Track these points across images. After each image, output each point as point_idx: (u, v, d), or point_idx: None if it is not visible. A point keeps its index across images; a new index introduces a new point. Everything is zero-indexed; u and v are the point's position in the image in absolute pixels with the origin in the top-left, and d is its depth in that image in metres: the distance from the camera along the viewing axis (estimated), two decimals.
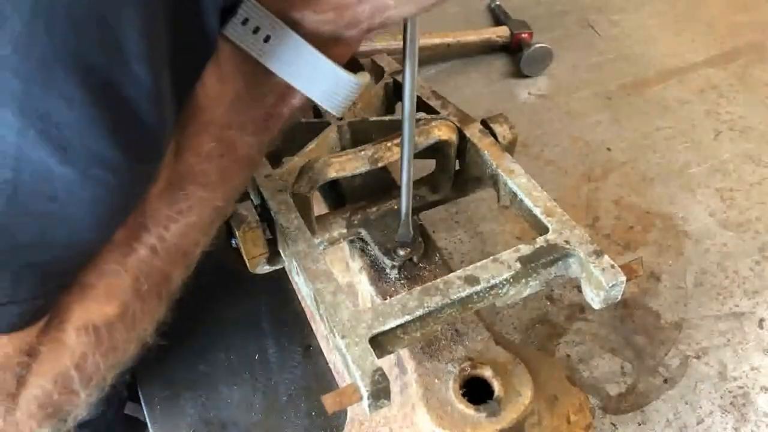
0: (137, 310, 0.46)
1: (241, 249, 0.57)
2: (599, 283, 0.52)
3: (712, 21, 1.25)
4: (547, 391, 0.59)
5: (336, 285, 0.52)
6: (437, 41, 1.14)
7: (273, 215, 0.57)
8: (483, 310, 0.60)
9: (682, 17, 1.26)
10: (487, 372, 0.54)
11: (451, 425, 0.52)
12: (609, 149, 0.99)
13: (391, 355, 0.54)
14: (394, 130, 0.62)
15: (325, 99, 0.47)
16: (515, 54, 1.16)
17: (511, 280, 0.53)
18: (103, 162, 0.36)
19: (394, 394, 0.50)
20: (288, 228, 0.56)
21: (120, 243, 0.44)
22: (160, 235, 0.45)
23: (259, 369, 0.75)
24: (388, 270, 0.61)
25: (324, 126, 0.67)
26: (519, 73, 1.14)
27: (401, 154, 0.55)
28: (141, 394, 0.73)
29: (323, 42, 0.45)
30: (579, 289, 0.55)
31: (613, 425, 0.68)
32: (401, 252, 0.61)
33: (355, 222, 0.63)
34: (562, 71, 1.15)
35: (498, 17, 1.23)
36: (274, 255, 0.59)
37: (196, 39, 0.40)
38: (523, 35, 1.16)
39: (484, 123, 0.64)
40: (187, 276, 0.50)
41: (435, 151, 0.64)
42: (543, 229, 0.56)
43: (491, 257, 0.53)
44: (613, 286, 0.52)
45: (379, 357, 0.48)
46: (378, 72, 0.75)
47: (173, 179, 0.44)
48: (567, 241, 0.54)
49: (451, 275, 0.52)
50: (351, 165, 0.60)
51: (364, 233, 0.63)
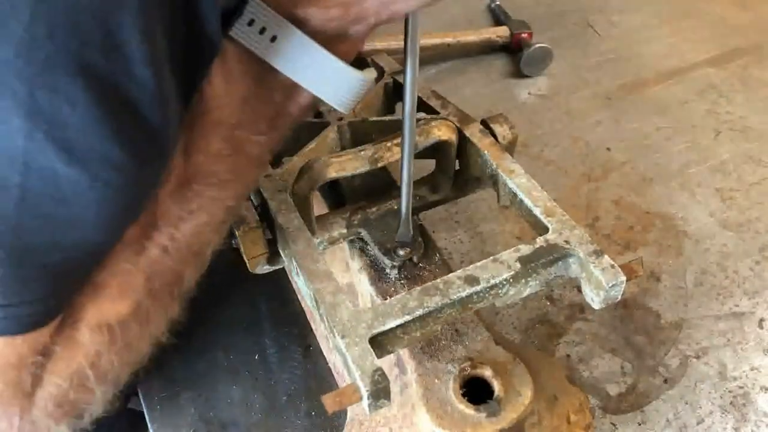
0: (150, 308, 0.46)
1: (241, 249, 0.57)
2: (599, 283, 0.52)
3: (712, 21, 1.24)
4: (547, 391, 0.59)
5: (336, 285, 0.52)
6: (437, 41, 1.14)
7: (273, 215, 0.57)
8: (483, 310, 0.60)
9: (682, 17, 1.26)
10: (487, 372, 0.54)
11: (451, 425, 0.52)
12: (609, 149, 0.99)
13: (391, 355, 0.54)
14: (394, 130, 0.62)
15: (334, 97, 0.47)
16: (515, 54, 1.16)
17: (511, 280, 0.53)
18: (110, 163, 0.36)
19: (394, 394, 0.50)
20: (288, 228, 0.56)
21: (131, 242, 0.44)
22: (171, 235, 0.45)
23: (259, 369, 0.75)
24: (388, 270, 0.61)
25: (324, 126, 0.67)
26: (519, 73, 1.13)
27: (401, 153, 0.55)
28: (141, 393, 0.73)
29: (329, 40, 0.45)
30: (579, 289, 0.55)
31: (613, 425, 0.68)
32: (401, 252, 0.61)
33: (355, 222, 0.63)
34: (562, 71, 1.15)
35: (498, 17, 1.23)
36: (274, 255, 0.59)
37: (198, 41, 0.40)
38: (523, 35, 1.16)
39: (484, 123, 0.64)
40: (201, 275, 0.50)
41: (435, 151, 0.64)
42: (543, 229, 0.56)
43: (491, 257, 0.53)
44: (613, 286, 0.52)
45: (379, 357, 0.48)
46: (378, 72, 0.75)
47: (183, 179, 0.45)
48: (567, 241, 0.54)
49: (451, 275, 0.52)
50: (351, 165, 0.60)
51: (364, 233, 0.63)
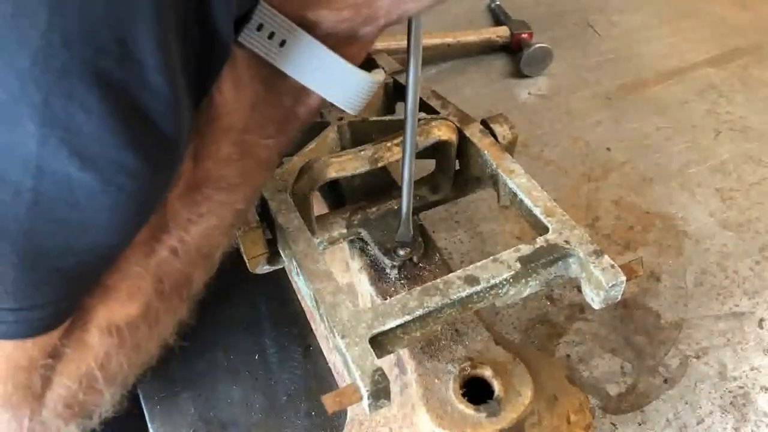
0: (159, 310, 0.47)
1: (241, 249, 0.57)
2: (599, 283, 0.52)
3: (712, 21, 1.24)
4: (547, 391, 0.59)
5: (336, 285, 0.52)
6: (437, 41, 1.14)
7: (273, 215, 0.57)
8: (483, 310, 0.60)
9: (682, 17, 1.26)
10: (487, 372, 0.54)
11: (451, 425, 0.52)
12: (609, 149, 0.99)
13: (391, 355, 0.54)
14: (394, 130, 0.62)
15: (343, 100, 0.47)
16: (515, 54, 1.16)
17: (511, 280, 0.53)
18: (123, 169, 0.36)
19: (394, 394, 0.50)
20: (288, 228, 0.56)
21: (141, 245, 0.44)
22: (180, 238, 0.45)
23: (259, 369, 0.75)
24: (388, 270, 0.61)
25: (324, 126, 0.67)
26: (519, 73, 1.13)
27: (403, 153, 0.55)
28: (140, 393, 0.73)
29: (339, 42, 0.45)
30: (579, 289, 0.55)
31: (613, 425, 0.68)
32: (401, 252, 0.61)
33: (355, 222, 0.63)
34: (562, 71, 1.15)
35: (498, 17, 1.23)
36: (274, 255, 0.59)
37: (210, 44, 0.40)
38: (523, 35, 1.16)
39: (484, 123, 0.64)
40: (209, 277, 0.50)
41: (435, 151, 0.64)
42: (543, 229, 0.56)
43: (491, 257, 0.53)
44: (613, 286, 0.52)
45: (379, 357, 0.48)
46: None
47: (193, 183, 0.45)
48: (567, 241, 0.54)
49: (451, 275, 0.52)
50: (351, 165, 0.60)
51: (364, 233, 0.63)
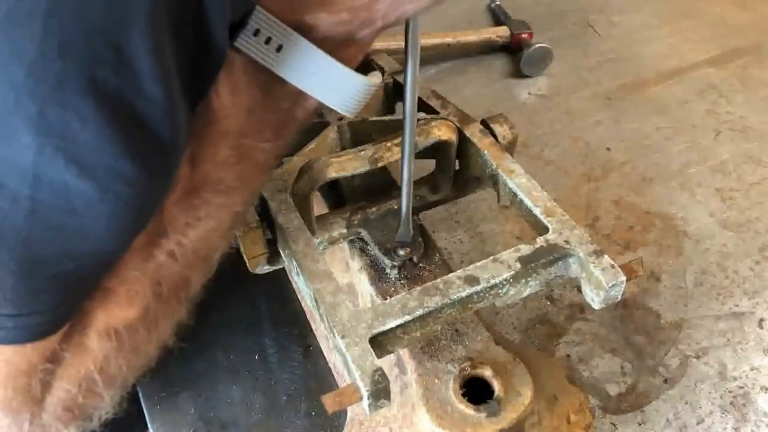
0: (158, 313, 0.47)
1: (241, 249, 0.57)
2: (599, 283, 0.52)
3: (712, 21, 1.24)
4: (547, 391, 0.59)
5: (336, 285, 0.52)
6: (437, 41, 1.14)
7: (273, 215, 0.57)
8: (483, 310, 0.60)
9: (682, 17, 1.26)
10: (487, 372, 0.54)
11: (451, 425, 0.52)
12: (609, 149, 0.99)
13: (391, 355, 0.54)
14: (394, 130, 0.62)
15: (340, 103, 0.47)
16: (515, 54, 1.16)
17: (511, 280, 0.53)
18: (121, 177, 0.36)
19: (394, 394, 0.50)
20: (288, 228, 0.56)
21: (140, 249, 0.44)
22: (178, 241, 0.45)
23: (259, 369, 0.75)
24: (388, 270, 0.61)
25: (324, 126, 0.67)
26: (519, 73, 1.13)
27: (402, 153, 0.54)
28: (140, 393, 0.73)
29: (336, 45, 0.44)
30: (579, 289, 0.55)
31: (613, 425, 0.68)
32: (401, 252, 0.61)
33: (355, 222, 0.63)
34: (562, 71, 1.15)
35: (498, 17, 1.23)
36: (274, 255, 0.59)
37: (205, 49, 0.40)
38: (523, 35, 1.16)
39: (484, 123, 0.64)
40: (208, 278, 0.50)
41: (435, 151, 0.64)
42: (543, 229, 0.56)
43: (491, 257, 0.53)
44: (613, 286, 0.51)
45: (379, 357, 0.48)
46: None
47: (190, 187, 0.45)
48: (567, 241, 0.54)
49: (451, 275, 0.52)
50: (351, 165, 0.60)
51: (364, 233, 0.63)
